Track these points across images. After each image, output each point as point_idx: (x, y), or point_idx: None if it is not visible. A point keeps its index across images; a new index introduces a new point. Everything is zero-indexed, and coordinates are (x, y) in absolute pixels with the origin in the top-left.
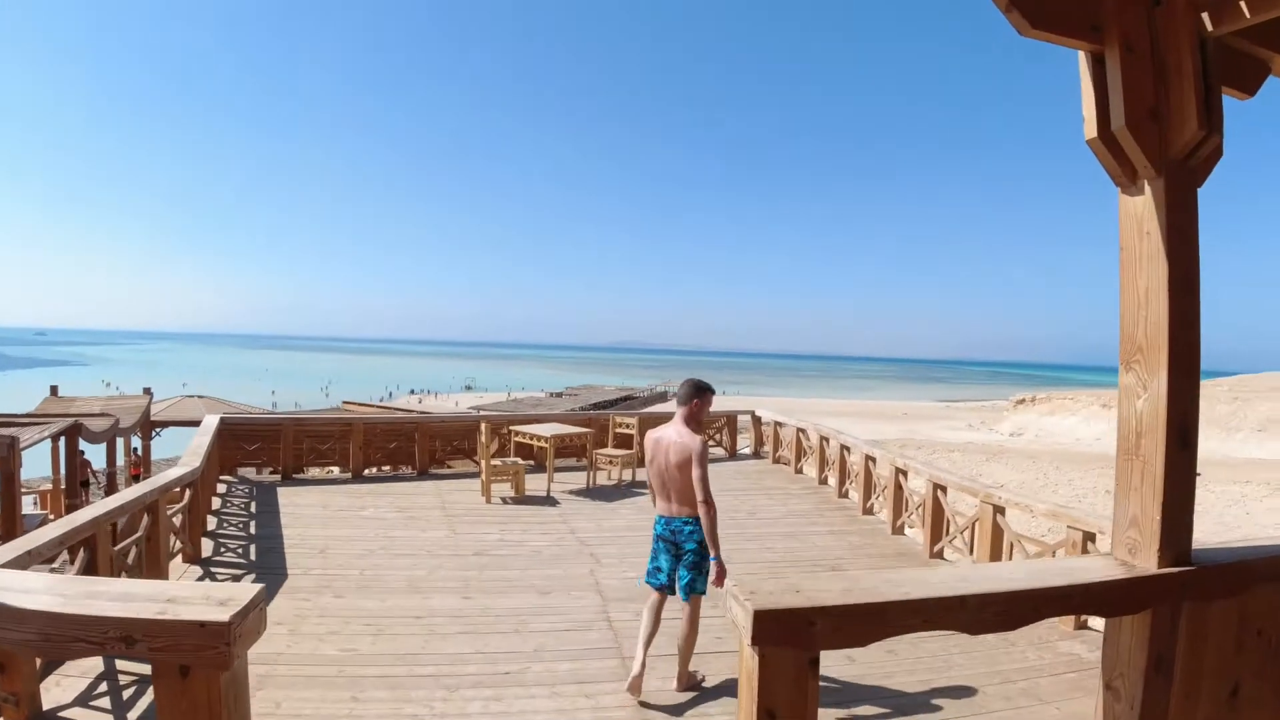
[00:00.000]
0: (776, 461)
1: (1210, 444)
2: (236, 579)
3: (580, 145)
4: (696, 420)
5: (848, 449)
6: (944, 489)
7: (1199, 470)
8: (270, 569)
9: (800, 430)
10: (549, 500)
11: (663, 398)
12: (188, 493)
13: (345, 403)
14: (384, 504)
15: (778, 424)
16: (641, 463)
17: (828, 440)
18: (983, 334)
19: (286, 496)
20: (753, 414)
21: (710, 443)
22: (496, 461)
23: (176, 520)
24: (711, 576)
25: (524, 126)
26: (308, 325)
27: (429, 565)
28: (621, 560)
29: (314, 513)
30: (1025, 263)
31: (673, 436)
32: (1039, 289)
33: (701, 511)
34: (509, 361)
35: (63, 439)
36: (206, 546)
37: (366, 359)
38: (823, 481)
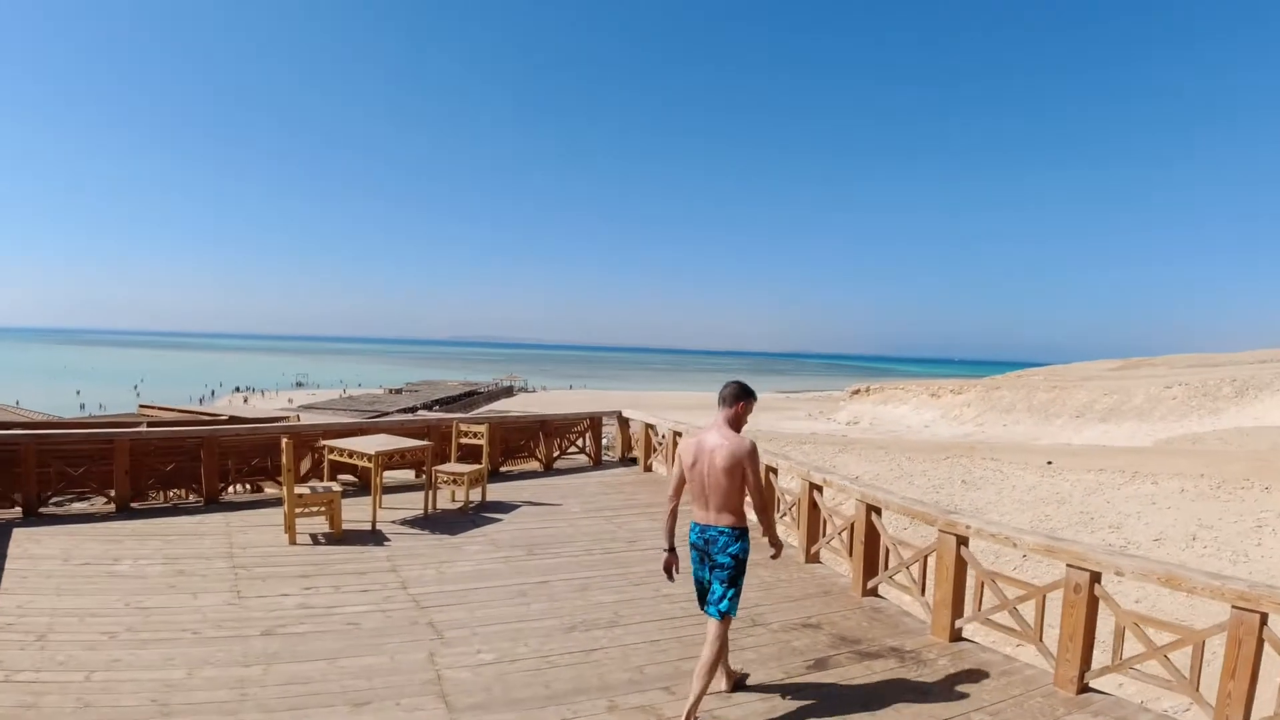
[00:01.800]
0: (648, 469)
1: (1033, 430)
2: None
3: (407, 125)
4: (740, 424)
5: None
6: (878, 510)
7: (1049, 460)
8: None
9: (676, 434)
10: (374, 536)
11: (508, 392)
12: None
13: (143, 406)
14: (149, 551)
15: (649, 426)
16: (496, 477)
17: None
18: (821, 330)
19: (21, 543)
20: (618, 415)
21: (571, 449)
22: (304, 489)
23: None
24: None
25: (360, 112)
26: (120, 319)
27: (191, 661)
28: (473, 632)
29: (49, 568)
30: (857, 265)
31: (718, 440)
32: (872, 288)
33: (763, 521)
34: (344, 357)
35: None
36: None
37: (187, 355)
38: None
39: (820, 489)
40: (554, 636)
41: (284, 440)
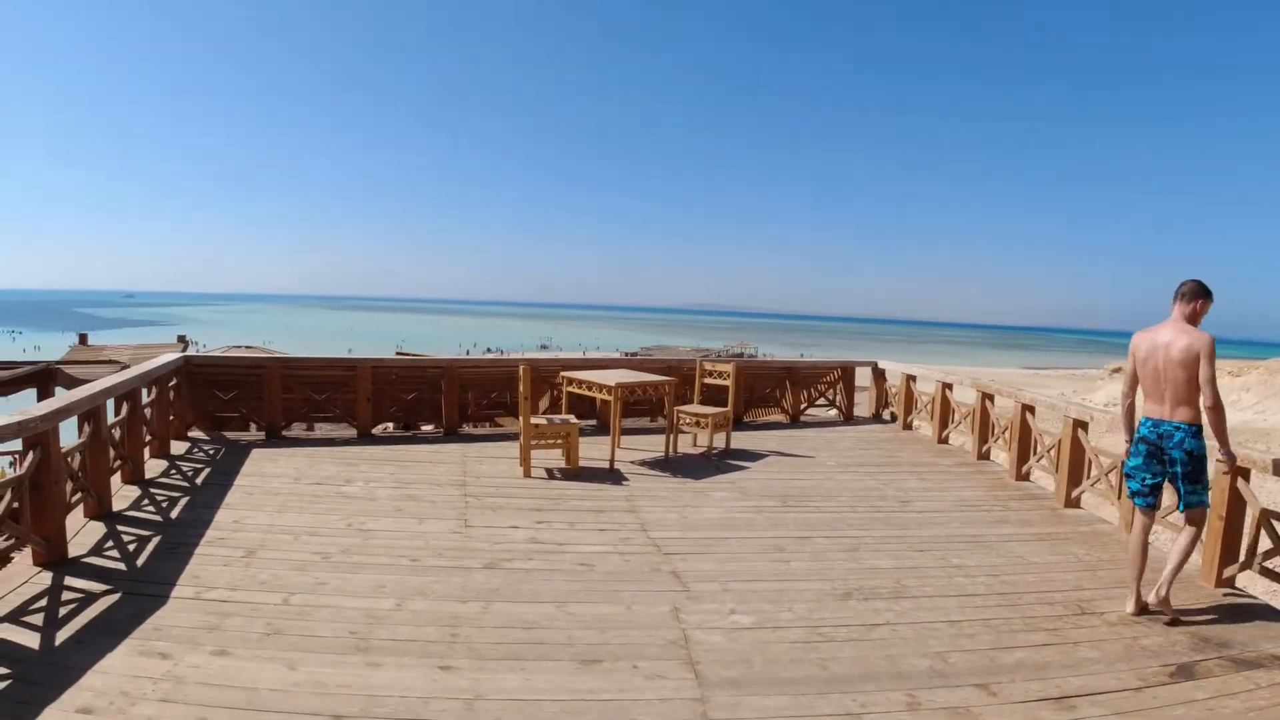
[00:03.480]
0: (908, 428)
1: None
2: (81, 599)
3: (665, 96)
4: (1196, 321)
5: (1031, 411)
6: (1244, 474)
7: None
8: (152, 582)
9: (945, 386)
10: (612, 475)
11: (739, 358)
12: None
13: (399, 353)
14: (381, 475)
15: (910, 378)
16: (738, 426)
17: (991, 399)
18: (1064, 302)
19: (257, 462)
20: (873, 366)
21: (820, 401)
22: (540, 420)
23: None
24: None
25: (603, 78)
26: (391, 288)
27: (403, 591)
28: (724, 588)
29: (278, 485)
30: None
31: (1173, 333)
32: (1123, 256)
33: (1212, 416)
34: (585, 323)
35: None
36: (91, 534)
37: (445, 319)
38: (983, 455)
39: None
40: (824, 603)
41: (521, 368)
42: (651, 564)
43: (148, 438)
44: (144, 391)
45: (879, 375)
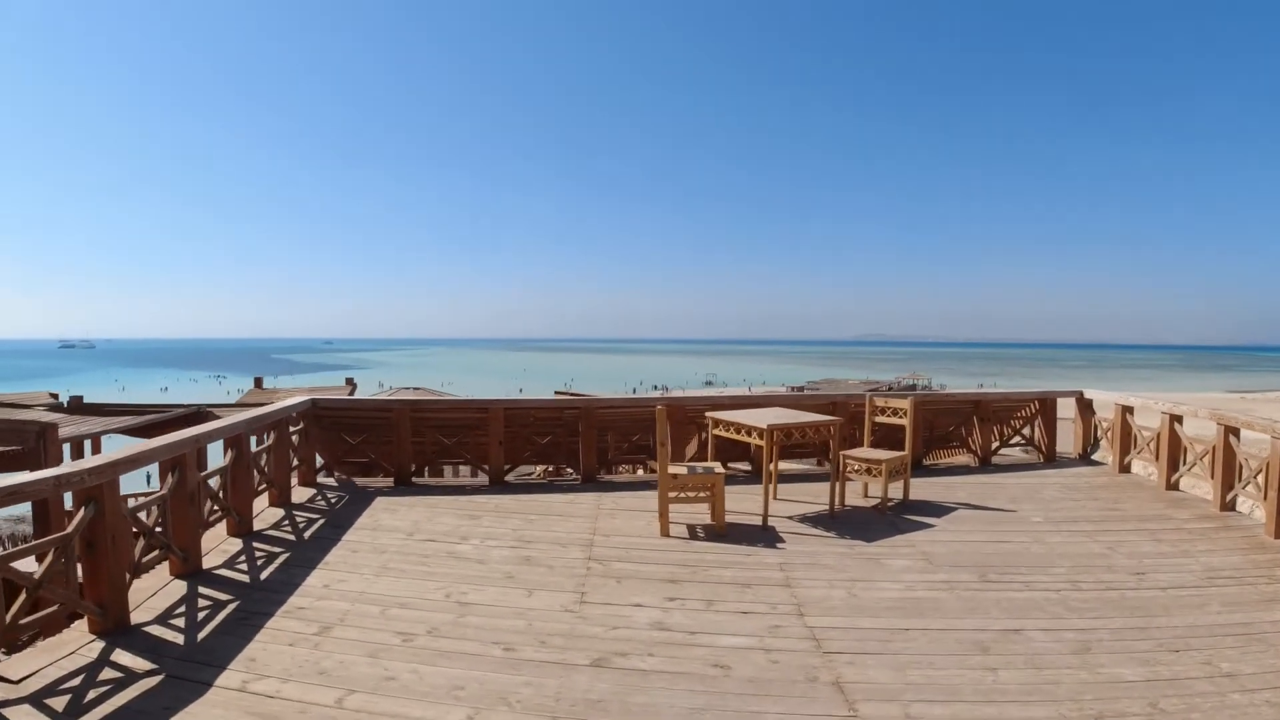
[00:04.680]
0: (1125, 470)
1: None
2: (119, 680)
3: (812, 129)
4: None
5: None
6: None
7: None
8: (203, 663)
9: (1173, 418)
10: (765, 534)
11: (912, 389)
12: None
13: (558, 392)
14: (503, 531)
15: (1125, 410)
16: (917, 471)
17: (1236, 434)
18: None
19: (375, 513)
20: (1078, 396)
21: (1014, 440)
22: (680, 469)
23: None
24: None
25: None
26: (571, 328)
27: (482, 695)
28: (905, 711)
29: (387, 542)
30: None
31: None
32: None
33: None
34: (751, 358)
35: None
36: (167, 596)
37: (616, 358)
38: (1228, 506)
39: None
40: None
41: (658, 409)
42: (807, 668)
43: (261, 485)
44: (261, 437)
45: (1085, 407)
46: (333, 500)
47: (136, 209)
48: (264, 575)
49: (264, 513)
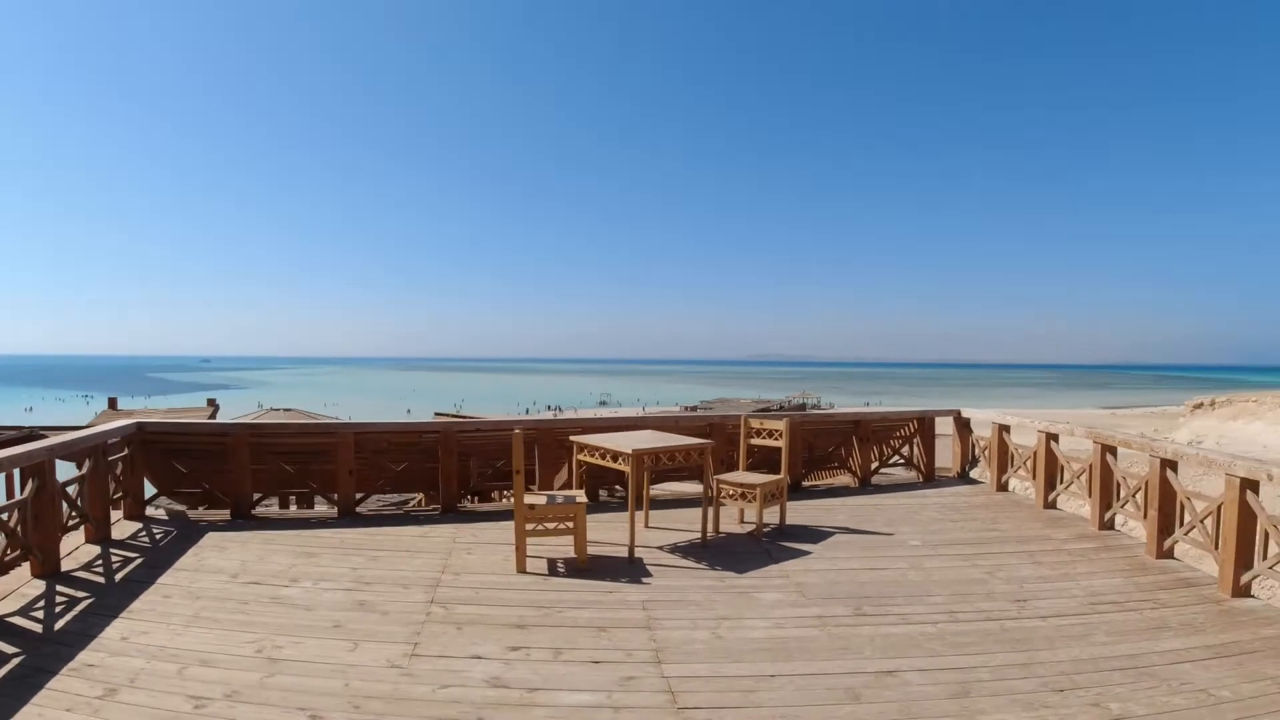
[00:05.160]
0: (1003, 489)
1: None
2: None
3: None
4: None
5: (1172, 467)
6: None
7: None
8: None
9: (1049, 436)
10: (631, 567)
11: (802, 410)
12: None
13: (437, 414)
14: (341, 571)
15: (1002, 429)
16: (796, 493)
17: (1114, 453)
18: (1142, 336)
19: (202, 551)
20: (956, 415)
21: (894, 460)
22: (538, 498)
23: None
24: None
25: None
26: (465, 348)
27: None
28: None
29: (206, 585)
30: (1183, 258)
31: None
32: (1197, 284)
33: None
34: (649, 377)
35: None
36: None
37: (513, 378)
38: (1107, 525)
39: None
40: None
41: (515, 432)
42: None
43: (74, 520)
44: (82, 464)
45: (963, 425)
46: (158, 536)
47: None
48: (59, 625)
49: (77, 550)
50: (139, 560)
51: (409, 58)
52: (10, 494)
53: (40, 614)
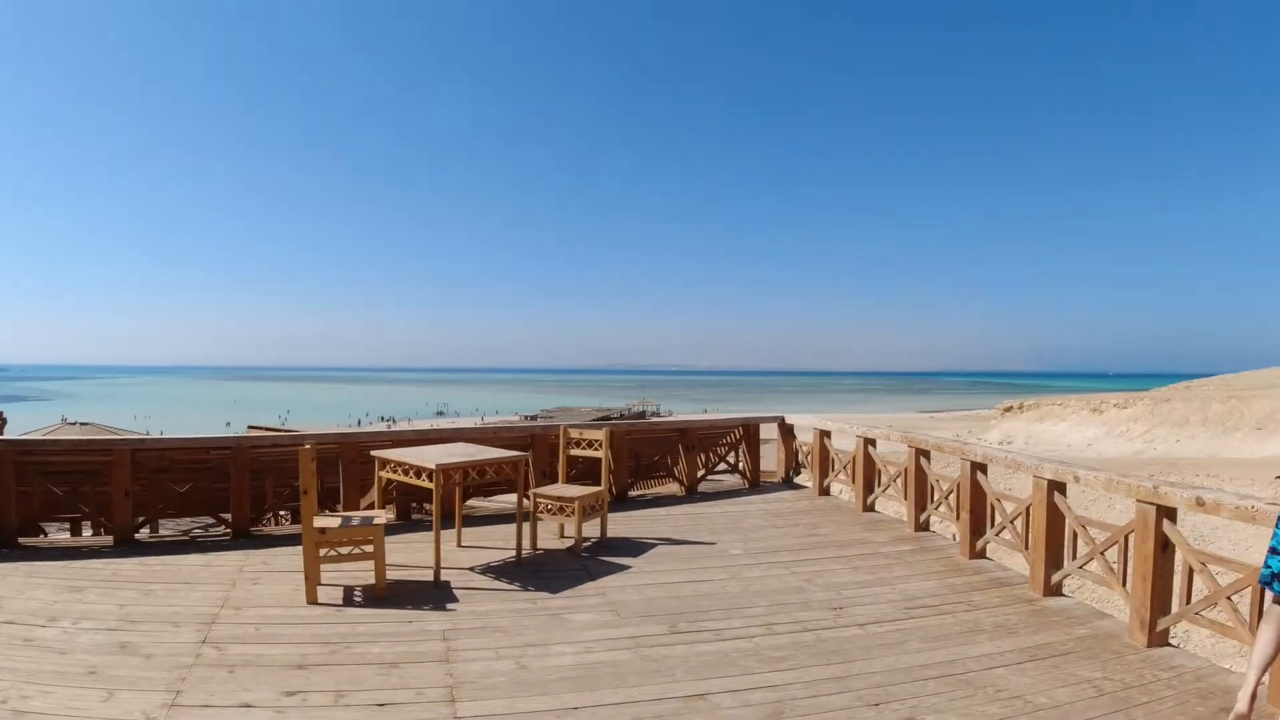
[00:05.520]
0: (825, 493)
1: (1209, 444)
2: None
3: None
4: None
5: (983, 470)
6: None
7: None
8: None
9: (867, 441)
10: (436, 593)
11: (641, 418)
12: None
13: (251, 427)
14: (107, 608)
15: (824, 435)
16: (621, 504)
17: (927, 456)
18: (957, 345)
19: None
20: (780, 421)
21: (721, 467)
22: (330, 520)
23: None
24: None
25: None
26: (291, 357)
27: None
28: None
29: None
30: (999, 273)
31: None
32: (1011, 298)
33: None
34: (486, 386)
35: None
36: None
37: (345, 387)
38: (922, 526)
39: (1171, 514)
40: None
41: (304, 447)
42: None
43: None
44: None
45: (786, 431)
46: None
47: None
48: None
49: None
50: None
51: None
52: None
53: None
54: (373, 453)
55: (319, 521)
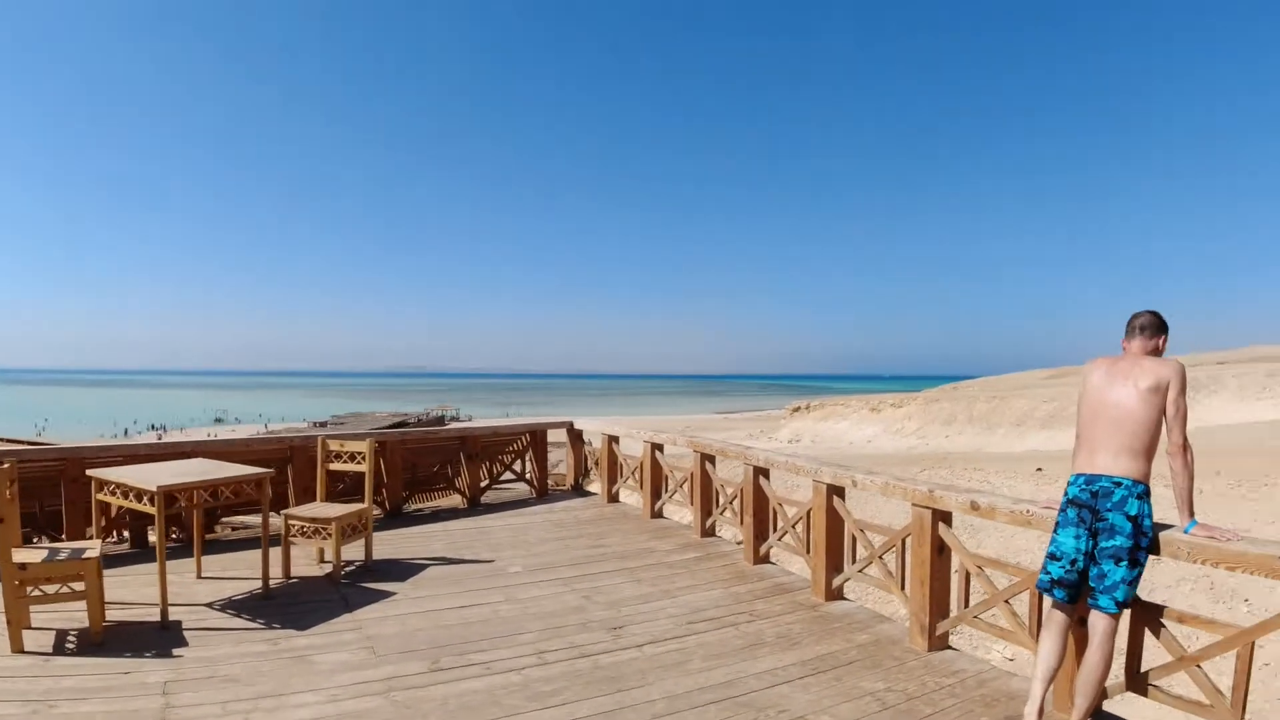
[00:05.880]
0: (614, 500)
1: (975, 440)
2: None
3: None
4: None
5: (765, 474)
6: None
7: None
8: None
9: (655, 447)
10: (164, 635)
11: (440, 423)
12: None
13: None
14: None
15: (612, 440)
16: (397, 519)
17: (713, 461)
18: (754, 349)
19: None
20: (569, 427)
21: (506, 476)
22: (36, 554)
23: None
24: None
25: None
26: (42, 358)
27: None
28: None
29: None
30: (789, 280)
31: (1130, 362)
32: (805, 304)
33: (1177, 463)
34: (271, 391)
35: None
36: None
37: (116, 391)
38: (709, 532)
39: (946, 517)
40: None
41: (3, 466)
42: None
43: None
44: None
45: (576, 437)
46: None
47: None
48: None
49: None
50: None
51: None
52: None
53: None
54: (89, 472)
55: (19, 555)
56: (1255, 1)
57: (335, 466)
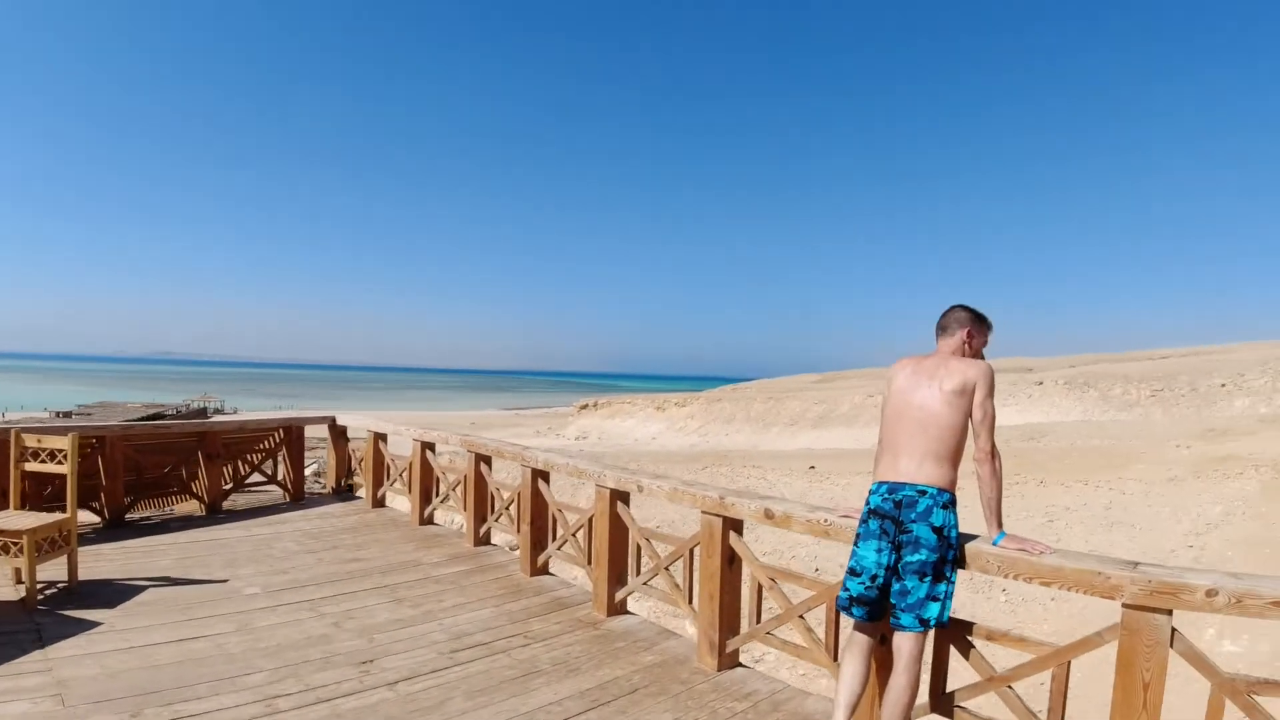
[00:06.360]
0: (380, 504)
1: (753, 438)
2: None
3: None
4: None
5: (545, 478)
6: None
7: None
8: None
9: (426, 446)
10: None
11: (202, 414)
12: None
13: None
14: None
15: (379, 438)
16: (118, 530)
17: (489, 462)
18: (544, 348)
19: None
20: (331, 423)
21: (255, 478)
22: None
23: None
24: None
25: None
26: None
27: None
28: None
29: None
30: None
31: (935, 362)
32: (597, 304)
33: (984, 470)
34: (24, 375)
35: None
36: None
37: None
38: (483, 539)
39: (737, 526)
40: None
41: None
42: None
43: None
44: None
45: (339, 435)
46: None
47: None
48: None
49: None
50: None
51: None
52: None
53: None
54: None
55: None
56: None
57: (33, 467)
